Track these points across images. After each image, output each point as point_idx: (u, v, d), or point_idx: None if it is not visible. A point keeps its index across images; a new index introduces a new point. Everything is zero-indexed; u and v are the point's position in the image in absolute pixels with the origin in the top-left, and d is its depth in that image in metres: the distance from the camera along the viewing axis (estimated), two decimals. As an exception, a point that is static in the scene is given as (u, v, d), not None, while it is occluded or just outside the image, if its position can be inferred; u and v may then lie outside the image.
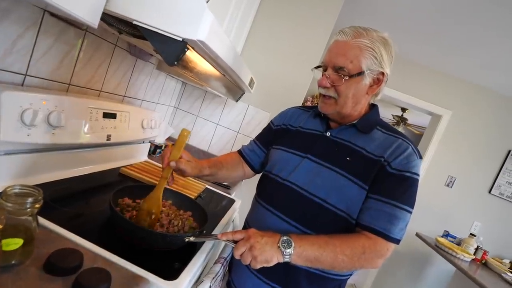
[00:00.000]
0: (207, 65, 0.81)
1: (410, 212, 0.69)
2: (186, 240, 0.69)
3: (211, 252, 0.83)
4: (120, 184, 1.00)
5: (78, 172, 0.91)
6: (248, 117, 1.68)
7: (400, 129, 4.34)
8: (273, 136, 0.90)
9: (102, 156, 1.03)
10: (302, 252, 0.62)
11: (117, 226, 0.70)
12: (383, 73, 0.72)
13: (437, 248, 2.15)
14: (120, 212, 0.76)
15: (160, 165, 0.96)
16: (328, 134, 0.78)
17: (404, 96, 2.65)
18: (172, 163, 0.74)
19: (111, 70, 1.07)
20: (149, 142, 1.39)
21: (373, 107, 0.81)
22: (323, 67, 0.76)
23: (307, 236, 0.66)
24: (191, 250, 0.75)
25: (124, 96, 1.21)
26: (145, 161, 1.29)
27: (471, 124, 2.61)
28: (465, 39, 1.92)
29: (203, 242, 0.79)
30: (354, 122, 0.76)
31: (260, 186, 0.88)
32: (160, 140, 1.55)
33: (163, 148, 1.52)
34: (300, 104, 1.68)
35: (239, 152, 0.98)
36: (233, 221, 1.25)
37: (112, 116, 1.00)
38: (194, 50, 0.64)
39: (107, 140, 0.98)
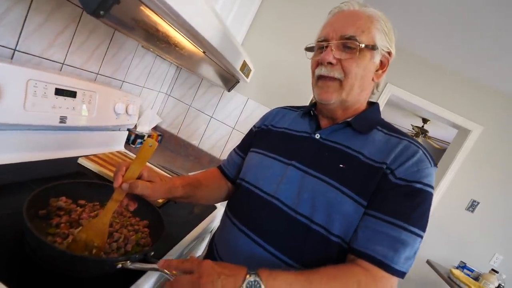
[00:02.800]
0: (176, 35, 0.62)
1: (421, 237, 0.53)
2: (118, 266, 0.51)
3: (162, 280, 0.64)
4: (74, 177, 0.82)
5: (11, 159, 0.73)
6: (246, 112, 1.48)
7: (419, 141, 4.01)
8: (254, 139, 0.74)
9: (55, 141, 0.86)
10: None
11: (25, 241, 0.51)
12: (389, 53, 0.62)
13: (450, 281, 1.89)
14: (45, 215, 0.58)
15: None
16: (317, 136, 0.63)
17: (428, 104, 2.37)
18: (125, 185, 0.54)
19: (77, 40, 0.89)
20: (128, 130, 1.22)
21: (373, 105, 0.68)
22: (321, 43, 0.61)
23: (281, 273, 0.47)
24: (133, 276, 0.57)
25: (98, 74, 1.03)
26: (117, 151, 1.12)
27: (504, 143, 2.29)
28: (505, 44, 1.64)
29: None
30: (349, 119, 0.62)
31: (232, 198, 0.69)
32: (144, 129, 1.38)
33: (145, 138, 1.35)
34: (308, 103, 1.48)
35: (219, 167, 0.82)
36: (211, 232, 1.06)
37: (70, 94, 0.82)
38: (143, 3, 0.44)
39: (60, 122, 0.81)
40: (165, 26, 0.58)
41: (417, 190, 0.53)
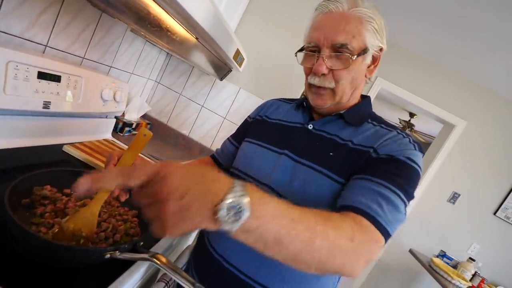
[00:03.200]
0: (168, 18, 0.59)
1: (405, 203, 0.50)
2: (107, 256, 0.50)
3: (151, 270, 0.63)
4: (59, 165, 0.79)
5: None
6: (238, 102, 1.46)
7: (406, 135, 4.10)
8: (248, 129, 0.75)
9: (38, 128, 0.82)
10: (257, 227, 0.33)
11: (7, 231, 0.49)
12: (381, 49, 0.61)
13: (431, 269, 1.98)
14: (28, 204, 0.56)
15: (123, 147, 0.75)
16: (310, 126, 0.65)
17: (415, 98, 2.41)
18: None
19: (62, 21, 0.84)
20: (115, 117, 1.18)
21: (364, 98, 0.69)
22: (312, 52, 0.60)
23: (273, 200, 0.37)
24: (122, 266, 0.56)
25: (84, 58, 0.99)
26: (105, 140, 1.08)
27: (486, 139, 2.37)
28: (496, 40, 1.67)
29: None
30: (341, 112, 0.63)
31: None
32: (133, 117, 1.34)
33: (133, 126, 1.31)
34: (301, 94, 1.47)
35: (212, 156, 0.84)
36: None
37: (54, 78, 0.78)
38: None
39: (44, 107, 0.78)
40: (156, 8, 0.56)
41: (402, 161, 0.53)
